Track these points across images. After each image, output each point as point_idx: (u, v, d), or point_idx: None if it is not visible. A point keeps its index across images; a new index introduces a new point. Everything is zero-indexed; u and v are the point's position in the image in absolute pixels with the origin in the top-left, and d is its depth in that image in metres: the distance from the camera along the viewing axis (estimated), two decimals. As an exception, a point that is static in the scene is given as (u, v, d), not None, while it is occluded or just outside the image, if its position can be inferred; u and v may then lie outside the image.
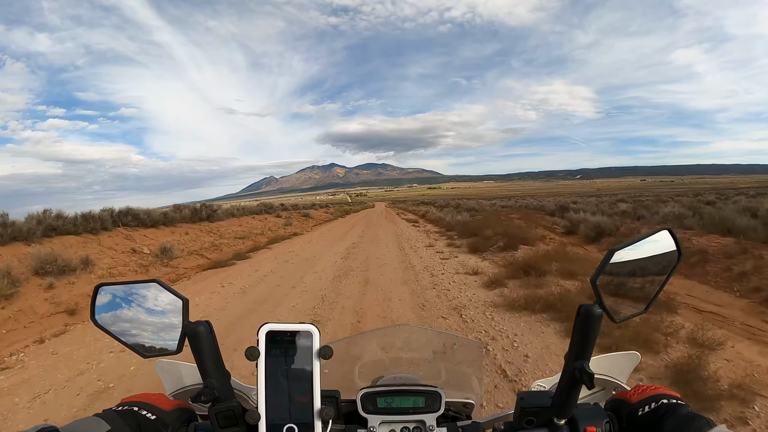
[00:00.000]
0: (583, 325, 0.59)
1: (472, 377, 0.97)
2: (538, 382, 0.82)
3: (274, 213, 24.40)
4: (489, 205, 36.15)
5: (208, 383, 0.60)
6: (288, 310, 5.11)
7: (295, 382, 0.58)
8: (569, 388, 0.60)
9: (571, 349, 0.60)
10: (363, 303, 5.25)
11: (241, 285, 6.83)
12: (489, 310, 4.70)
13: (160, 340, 0.62)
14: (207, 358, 0.60)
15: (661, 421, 0.56)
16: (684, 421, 0.54)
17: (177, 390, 0.82)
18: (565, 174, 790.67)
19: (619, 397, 0.67)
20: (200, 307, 5.43)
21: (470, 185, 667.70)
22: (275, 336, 0.58)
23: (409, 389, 0.79)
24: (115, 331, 0.63)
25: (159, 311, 0.62)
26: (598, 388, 0.83)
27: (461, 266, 7.59)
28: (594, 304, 0.58)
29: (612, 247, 0.59)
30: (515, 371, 3.12)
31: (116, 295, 0.64)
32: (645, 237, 0.62)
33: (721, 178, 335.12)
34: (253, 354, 0.56)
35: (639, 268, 0.62)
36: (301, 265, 8.86)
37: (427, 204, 57.21)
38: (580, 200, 26.86)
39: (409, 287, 6.05)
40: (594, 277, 0.58)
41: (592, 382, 0.56)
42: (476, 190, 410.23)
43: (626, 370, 0.83)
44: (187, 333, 0.60)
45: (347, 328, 4.29)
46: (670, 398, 0.60)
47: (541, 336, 3.79)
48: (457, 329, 4.16)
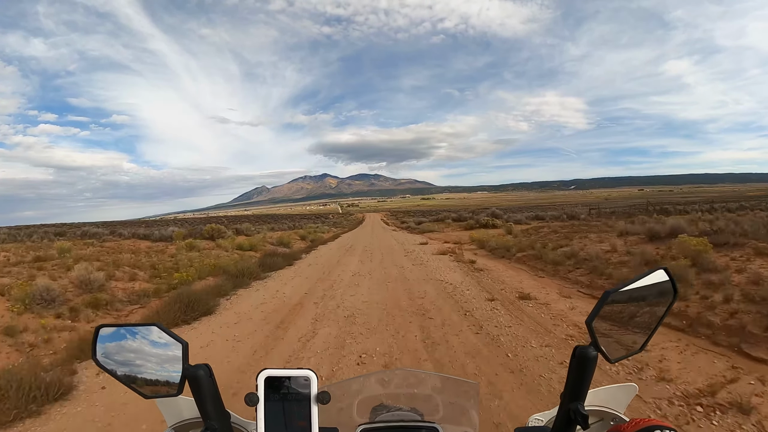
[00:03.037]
0: (579, 367, 0.61)
1: (469, 411, 0.95)
2: (535, 416, 0.81)
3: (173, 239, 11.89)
4: (526, 218, 27.19)
5: (209, 425, 0.62)
6: None
7: (293, 426, 0.60)
8: (564, 427, 0.61)
9: (566, 390, 0.62)
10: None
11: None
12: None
13: (161, 382, 0.63)
14: (207, 400, 0.63)
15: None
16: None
17: (177, 423, 0.80)
18: (559, 184, 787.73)
19: (616, 430, 0.64)
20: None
21: (464, 196, 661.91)
22: (273, 381, 0.61)
23: (408, 425, 0.82)
24: (115, 371, 0.64)
25: (159, 354, 0.63)
26: (596, 420, 0.81)
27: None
28: (589, 345, 0.61)
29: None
30: None
31: (116, 336, 0.65)
32: (641, 277, 0.63)
33: (719, 187, 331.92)
34: (252, 400, 0.59)
35: (634, 307, 0.63)
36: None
37: (431, 214, 44.61)
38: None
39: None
40: (589, 319, 0.60)
41: (586, 423, 0.58)
42: (473, 201, 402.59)
43: (624, 402, 0.81)
44: (188, 376, 0.62)
45: None
46: (664, 429, 0.59)
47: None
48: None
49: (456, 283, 7.45)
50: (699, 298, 4.71)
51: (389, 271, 9.27)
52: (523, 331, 4.52)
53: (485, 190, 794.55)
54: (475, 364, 3.64)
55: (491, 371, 3.47)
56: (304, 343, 4.38)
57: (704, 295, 4.74)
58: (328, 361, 3.86)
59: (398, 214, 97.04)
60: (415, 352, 3.98)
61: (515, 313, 5.30)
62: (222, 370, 3.66)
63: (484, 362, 3.67)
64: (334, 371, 3.61)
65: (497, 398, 2.98)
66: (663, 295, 0.64)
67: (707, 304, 4.48)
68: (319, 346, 4.28)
